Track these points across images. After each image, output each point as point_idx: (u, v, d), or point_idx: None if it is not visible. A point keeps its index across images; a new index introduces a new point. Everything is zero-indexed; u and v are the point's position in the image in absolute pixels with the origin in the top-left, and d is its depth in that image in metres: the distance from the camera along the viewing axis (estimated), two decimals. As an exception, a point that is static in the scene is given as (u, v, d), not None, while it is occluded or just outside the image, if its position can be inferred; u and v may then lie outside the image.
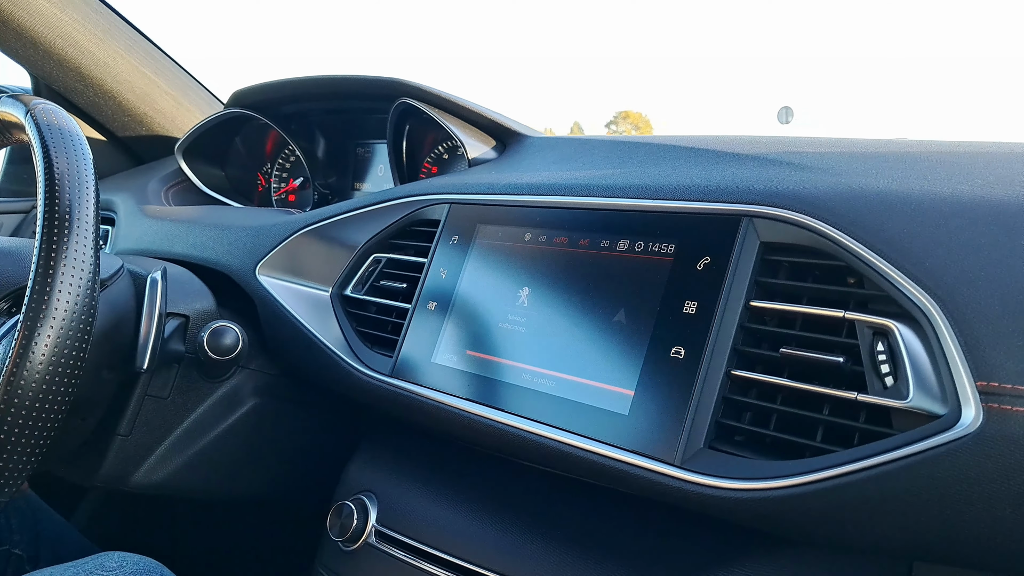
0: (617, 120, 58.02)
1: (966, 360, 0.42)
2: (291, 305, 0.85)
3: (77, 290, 0.57)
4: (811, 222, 0.50)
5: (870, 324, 0.47)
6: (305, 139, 1.23)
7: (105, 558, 0.65)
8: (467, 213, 0.74)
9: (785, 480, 0.46)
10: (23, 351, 0.54)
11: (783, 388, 0.50)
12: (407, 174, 1.11)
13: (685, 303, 0.53)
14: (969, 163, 0.53)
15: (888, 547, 0.47)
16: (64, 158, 0.60)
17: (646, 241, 0.58)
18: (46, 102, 0.65)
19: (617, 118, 58.19)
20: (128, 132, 1.32)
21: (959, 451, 0.41)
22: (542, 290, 0.63)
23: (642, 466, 0.52)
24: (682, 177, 0.60)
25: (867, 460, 0.43)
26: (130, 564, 0.64)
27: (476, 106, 0.98)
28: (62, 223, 0.57)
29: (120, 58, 1.22)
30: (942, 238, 0.45)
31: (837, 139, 0.65)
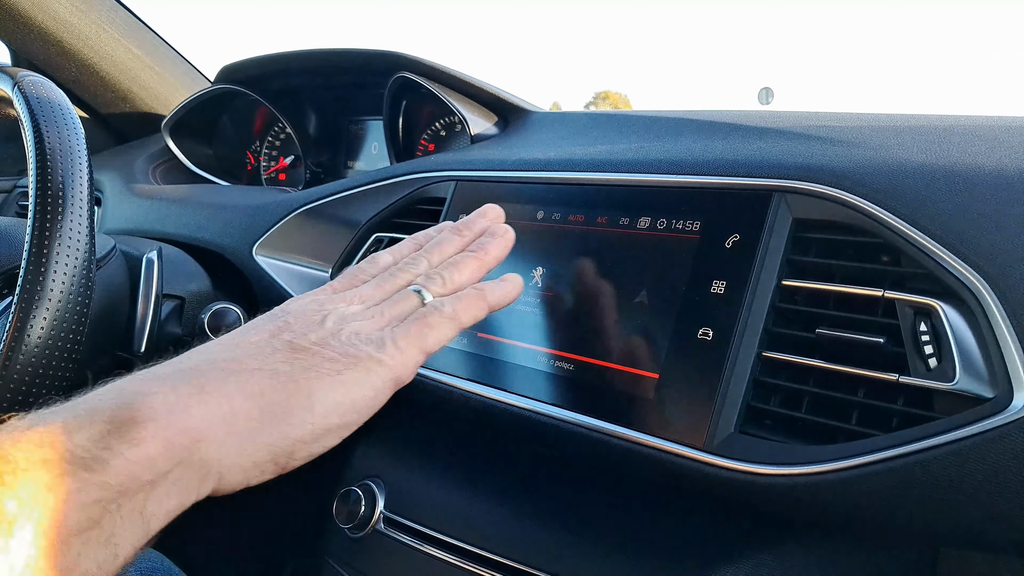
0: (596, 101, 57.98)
1: (1018, 341, 0.40)
2: (290, 286, 0.82)
3: (73, 270, 0.54)
4: (849, 198, 0.48)
5: (912, 304, 0.45)
6: (296, 116, 1.20)
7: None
8: (474, 191, 0.71)
9: (826, 465, 0.44)
10: (18, 335, 0.52)
11: (816, 370, 0.48)
12: (403, 152, 1.08)
13: (713, 283, 0.52)
14: (1008, 136, 0.51)
15: (925, 532, 0.46)
16: (55, 132, 0.57)
17: (670, 218, 0.56)
18: (34, 74, 0.62)
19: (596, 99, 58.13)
20: (112, 109, 1.27)
21: (1010, 435, 0.39)
22: (558, 270, 0.61)
23: (670, 451, 0.50)
24: (707, 151, 0.58)
25: (914, 444, 0.42)
26: (137, 559, 0.62)
27: (477, 80, 0.95)
28: (55, 200, 0.55)
29: (103, 32, 1.18)
30: (989, 213, 0.43)
31: (864, 113, 0.63)
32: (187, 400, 0.34)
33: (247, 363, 0.38)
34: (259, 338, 0.41)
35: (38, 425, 0.31)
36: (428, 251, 0.50)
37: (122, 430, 0.32)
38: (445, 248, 0.51)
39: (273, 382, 0.37)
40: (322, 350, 0.40)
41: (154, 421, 0.33)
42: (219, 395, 0.35)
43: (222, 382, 0.36)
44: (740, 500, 0.50)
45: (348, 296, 0.46)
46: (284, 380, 0.38)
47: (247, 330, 0.42)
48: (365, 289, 0.47)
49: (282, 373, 0.38)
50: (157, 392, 0.34)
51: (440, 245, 0.51)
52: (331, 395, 0.38)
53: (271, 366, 0.38)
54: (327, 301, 0.45)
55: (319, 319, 0.43)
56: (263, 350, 0.39)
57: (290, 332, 0.41)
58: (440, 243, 0.51)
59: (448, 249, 0.51)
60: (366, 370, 0.40)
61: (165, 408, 0.33)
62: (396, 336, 0.42)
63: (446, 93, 0.94)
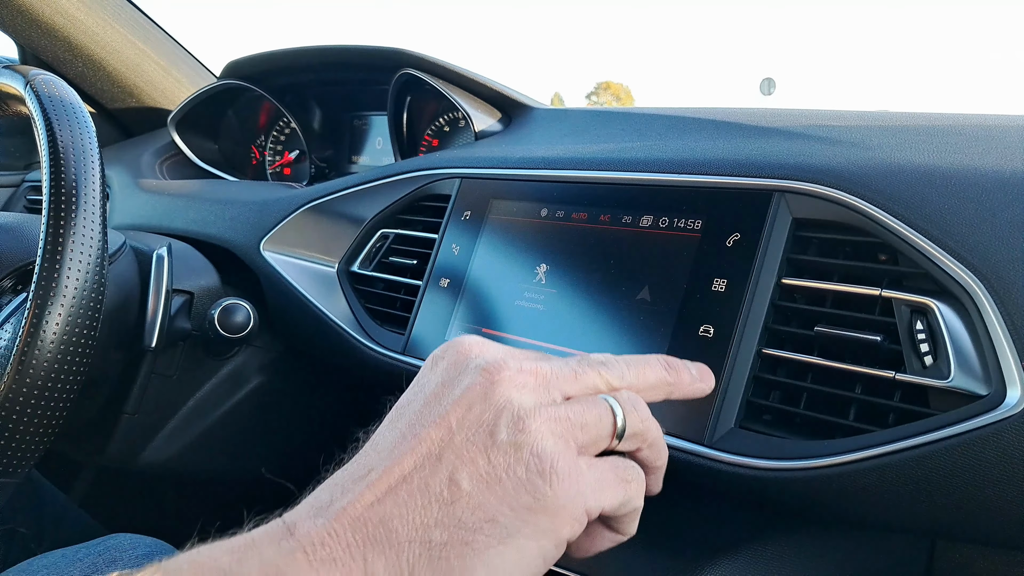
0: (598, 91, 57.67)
1: (1011, 339, 0.41)
2: (297, 281, 0.84)
3: (87, 266, 0.55)
4: (847, 198, 0.49)
5: (908, 302, 0.46)
6: (301, 111, 1.21)
7: (116, 540, 0.64)
8: (479, 188, 0.72)
9: (824, 460, 0.45)
10: (34, 330, 0.53)
11: (815, 367, 0.49)
12: (407, 147, 1.09)
13: (714, 281, 0.53)
14: (1005, 137, 0.52)
15: (921, 526, 0.47)
16: (68, 130, 0.58)
17: (671, 217, 0.57)
18: (45, 73, 0.63)
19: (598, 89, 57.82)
20: (118, 104, 1.28)
21: (1004, 432, 0.40)
22: (561, 267, 0.62)
23: (672, 446, 0.51)
24: (709, 151, 0.59)
25: (910, 440, 0.43)
26: (141, 547, 0.63)
27: (481, 77, 0.96)
28: (69, 198, 0.56)
29: (109, 27, 1.19)
30: (985, 214, 0.44)
31: (864, 112, 0.64)
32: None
33: (398, 528, 0.32)
34: (420, 454, 0.34)
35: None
36: (627, 361, 0.42)
37: None
38: (648, 372, 0.42)
39: (423, 559, 0.32)
40: (488, 494, 0.33)
41: None
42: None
43: (371, 562, 0.32)
44: (740, 494, 0.52)
45: (523, 368, 0.37)
46: (436, 557, 0.32)
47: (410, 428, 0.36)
48: (548, 369, 0.38)
49: (435, 544, 0.32)
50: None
51: (644, 365, 0.43)
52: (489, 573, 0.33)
53: (423, 534, 0.32)
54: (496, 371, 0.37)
55: (489, 421, 0.35)
56: (418, 498, 0.33)
57: (453, 452, 0.34)
58: (644, 363, 0.43)
59: (650, 375, 0.43)
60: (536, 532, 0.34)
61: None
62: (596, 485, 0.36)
63: (450, 90, 0.94)
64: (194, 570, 0.31)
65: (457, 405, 0.36)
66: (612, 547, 0.41)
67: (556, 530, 0.34)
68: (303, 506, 0.34)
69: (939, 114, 0.61)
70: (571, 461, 0.35)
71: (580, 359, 0.40)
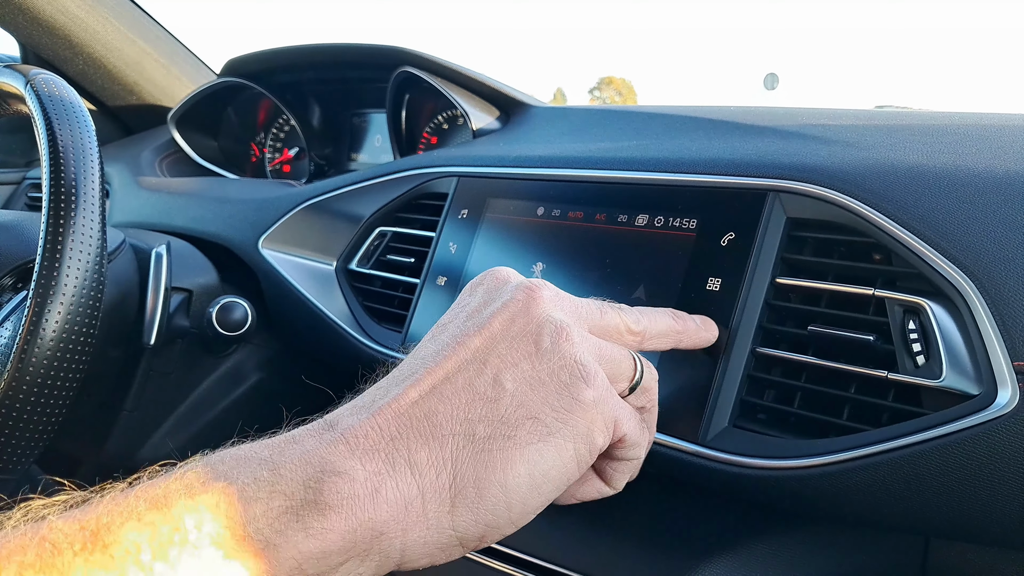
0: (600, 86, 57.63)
1: (1002, 339, 0.42)
2: (295, 279, 0.84)
3: (86, 264, 0.56)
4: (840, 198, 0.49)
5: (901, 302, 0.46)
6: (300, 109, 1.21)
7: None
8: (476, 186, 0.72)
9: (818, 459, 0.46)
10: (34, 327, 0.53)
11: (809, 366, 0.50)
12: (406, 145, 1.09)
13: (709, 280, 0.53)
14: (999, 136, 0.53)
15: (914, 525, 0.47)
16: (67, 130, 0.59)
17: (667, 216, 0.57)
18: (45, 72, 0.63)
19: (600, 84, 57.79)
20: (118, 101, 1.29)
21: (995, 431, 0.41)
22: (556, 266, 0.62)
23: (665, 444, 0.51)
24: (704, 150, 0.59)
25: (902, 439, 0.43)
26: None
27: (479, 75, 0.96)
28: (68, 196, 0.56)
29: (109, 25, 1.19)
30: (977, 215, 0.45)
31: (860, 110, 0.64)
32: (376, 483, 0.31)
33: (442, 422, 0.34)
34: (463, 358, 0.36)
35: (218, 481, 0.30)
36: (640, 309, 0.45)
37: (301, 514, 0.30)
38: (658, 319, 0.45)
39: (467, 451, 0.33)
40: (532, 394, 0.35)
41: (336, 511, 0.30)
42: (410, 473, 0.32)
43: (415, 451, 0.33)
44: (734, 492, 0.52)
45: (559, 293, 0.40)
46: (479, 450, 0.33)
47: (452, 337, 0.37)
48: (579, 301, 0.41)
49: (478, 438, 0.34)
50: (344, 472, 0.31)
51: (654, 313, 0.46)
52: (529, 470, 0.34)
53: (467, 428, 0.34)
54: (536, 289, 0.39)
55: (533, 331, 0.37)
56: (463, 395, 0.35)
57: (497, 356, 0.36)
58: (655, 312, 0.46)
59: (660, 322, 0.46)
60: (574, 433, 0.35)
61: (350, 497, 0.31)
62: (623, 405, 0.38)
63: (448, 88, 0.95)
64: (235, 461, 0.31)
65: (498, 316, 0.37)
66: (595, 498, 0.43)
67: (591, 434, 0.36)
68: (345, 407, 0.35)
69: (934, 113, 0.62)
70: (604, 379, 0.37)
71: (603, 301, 0.43)
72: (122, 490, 0.30)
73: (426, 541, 0.33)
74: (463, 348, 0.36)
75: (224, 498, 0.29)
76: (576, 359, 0.36)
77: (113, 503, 0.29)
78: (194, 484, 0.30)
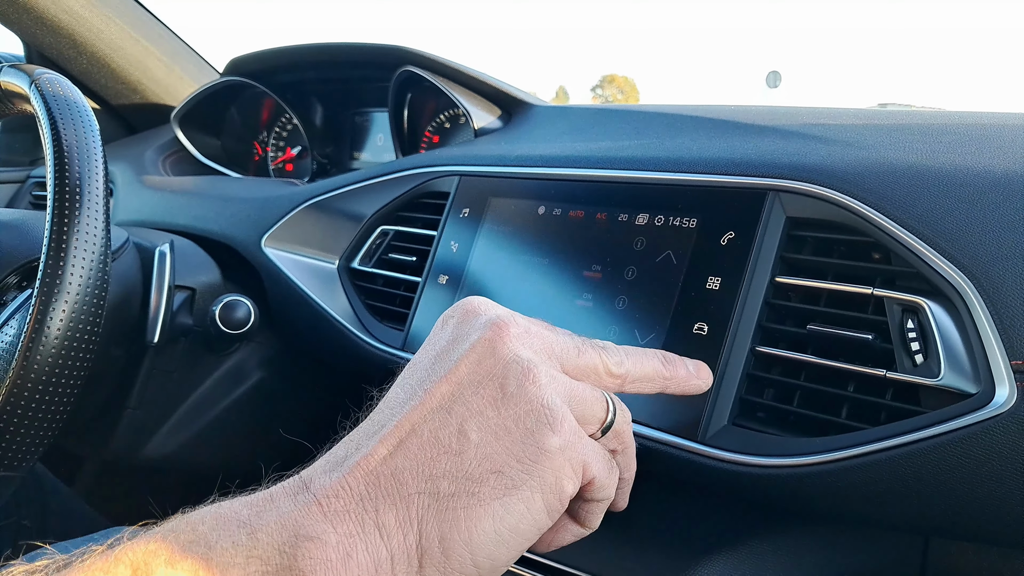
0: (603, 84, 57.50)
1: (1000, 338, 0.42)
2: (298, 277, 0.84)
3: (90, 263, 0.56)
4: (840, 198, 0.49)
5: (900, 301, 0.46)
6: (303, 108, 1.22)
7: (119, 532, 0.65)
8: (477, 185, 0.73)
9: (816, 457, 0.46)
10: (38, 325, 0.54)
11: (808, 365, 0.50)
12: (408, 144, 1.10)
13: (708, 279, 0.53)
14: (999, 136, 0.53)
15: (913, 523, 0.48)
16: (72, 129, 0.59)
17: (667, 215, 0.57)
18: (50, 72, 0.63)
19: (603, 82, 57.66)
20: (122, 100, 1.29)
21: (993, 429, 0.41)
22: (557, 265, 0.63)
23: (666, 442, 0.52)
24: (704, 150, 0.60)
25: (900, 438, 0.43)
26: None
27: (480, 74, 0.97)
28: (73, 196, 0.56)
29: (113, 24, 1.19)
30: (975, 214, 0.45)
31: (861, 110, 0.64)
32: (348, 547, 0.32)
33: (408, 481, 0.34)
34: (429, 407, 0.36)
35: (197, 546, 0.30)
36: (626, 350, 0.43)
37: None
38: (645, 362, 0.44)
39: (432, 510, 0.33)
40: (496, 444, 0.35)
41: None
42: (379, 535, 0.33)
43: (383, 513, 0.33)
44: (733, 490, 0.52)
45: (530, 329, 0.39)
46: (443, 508, 0.33)
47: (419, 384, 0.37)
48: (553, 337, 0.40)
49: (443, 496, 0.34)
50: (317, 538, 0.31)
51: (642, 355, 0.44)
52: (495, 525, 0.34)
53: (432, 486, 0.34)
54: (504, 326, 0.38)
55: (499, 374, 0.36)
56: (427, 450, 0.34)
57: (463, 404, 0.35)
58: (643, 354, 0.44)
59: (647, 365, 0.44)
60: (541, 484, 0.35)
61: (323, 563, 0.31)
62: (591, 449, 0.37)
63: (450, 87, 0.95)
64: (215, 520, 0.32)
65: (466, 359, 0.37)
66: (574, 541, 0.43)
67: (559, 483, 0.35)
68: (319, 462, 0.36)
69: (934, 112, 0.62)
70: (572, 423, 0.36)
71: (583, 339, 0.41)
72: (102, 553, 0.31)
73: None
74: (430, 396, 0.36)
75: (204, 566, 0.30)
76: (542, 403, 0.35)
77: (95, 570, 0.29)
78: (174, 550, 0.30)
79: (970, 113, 0.62)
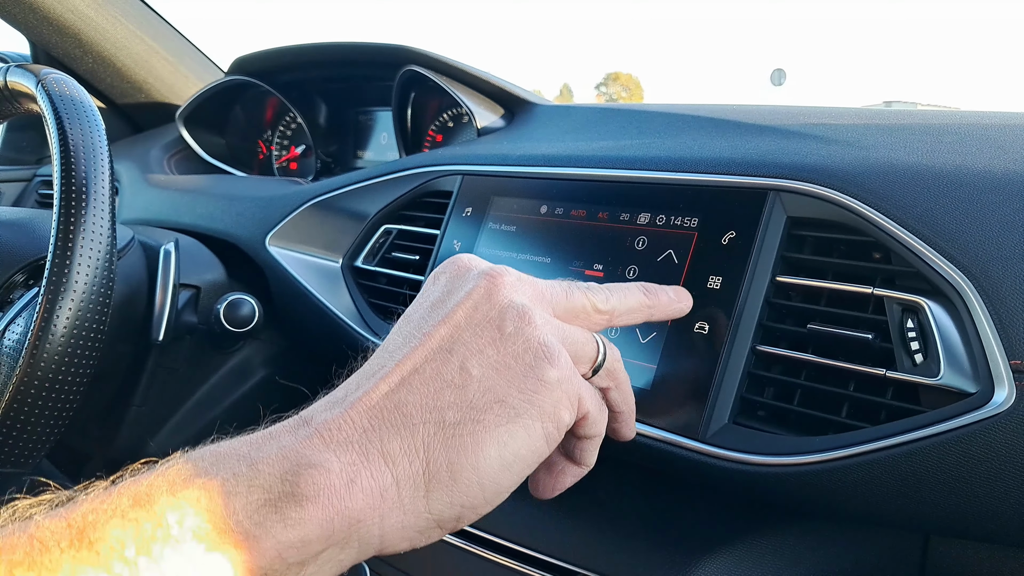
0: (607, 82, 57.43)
1: (999, 338, 0.42)
2: (302, 276, 0.85)
3: (96, 262, 0.56)
4: (840, 197, 0.49)
5: (900, 301, 0.47)
6: (307, 107, 1.22)
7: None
8: (480, 184, 0.73)
9: (816, 455, 0.46)
10: (45, 323, 0.54)
11: (808, 364, 0.50)
12: (411, 143, 1.10)
13: (709, 278, 0.53)
14: (1000, 136, 0.53)
15: (912, 522, 0.48)
16: (78, 129, 0.59)
17: (668, 215, 0.58)
18: (56, 72, 0.64)
19: (607, 80, 57.59)
20: (127, 99, 1.30)
21: (992, 429, 0.41)
22: (559, 264, 0.63)
23: (667, 440, 0.52)
24: (706, 149, 0.60)
25: (899, 437, 0.43)
26: None
27: (484, 73, 0.97)
28: (79, 195, 0.57)
29: (118, 23, 1.20)
30: (975, 214, 0.45)
31: (862, 109, 0.65)
32: (351, 474, 0.32)
33: (412, 412, 0.35)
34: (430, 348, 0.37)
35: (198, 477, 0.31)
36: (609, 287, 0.45)
37: (279, 505, 0.31)
38: (628, 295, 0.45)
39: (438, 437, 0.34)
40: (498, 378, 0.36)
41: (314, 502, 0.31)
42: (383, 462, 0.33)
43: (387, 442, 0.34)
44: (734, 489, 0.52)
45: (521, 277, 0.41)
46: (450, 435, 0.34)
47: (417, 328, 0.38)
48: (543, 284, 0.42)
49: (448, 424, 0.35)
50: (319, 465, 0.32)
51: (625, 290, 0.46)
52: (500, 451, 0.35)
53: (437, 416, 0.35)
54: (498, 276, 0.39)
55: (496, 317, 0.38)
56: (431, 384, 0.36)
57: (463, 344, 0.37)
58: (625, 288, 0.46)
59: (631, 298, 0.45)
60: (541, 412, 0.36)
61: (327, 487, 0.32)
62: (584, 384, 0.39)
63: (453, 86, 0.95)
64: (215, 458, 0.32)
65: (462, 305, 0.38)
66: (575, 482, 0.44)
67: (557, 412, 0.37)
68: (319, 403, 0.37)
69: (935, 112, 0.62)
70: (567, 358, 0.38)
71: (571, 282, 0.43)
72: (105, 488, 0.31)
73: (404, 526, 0.34)
74: (429, 339, 0.37)
75: (204, 493, 0.30)
76: (539, 341, 0.37)
77: (98, 501, 0.30)
78: (175, 481, 0.31)
79: (972, 113, 0.62)
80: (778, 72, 22.63)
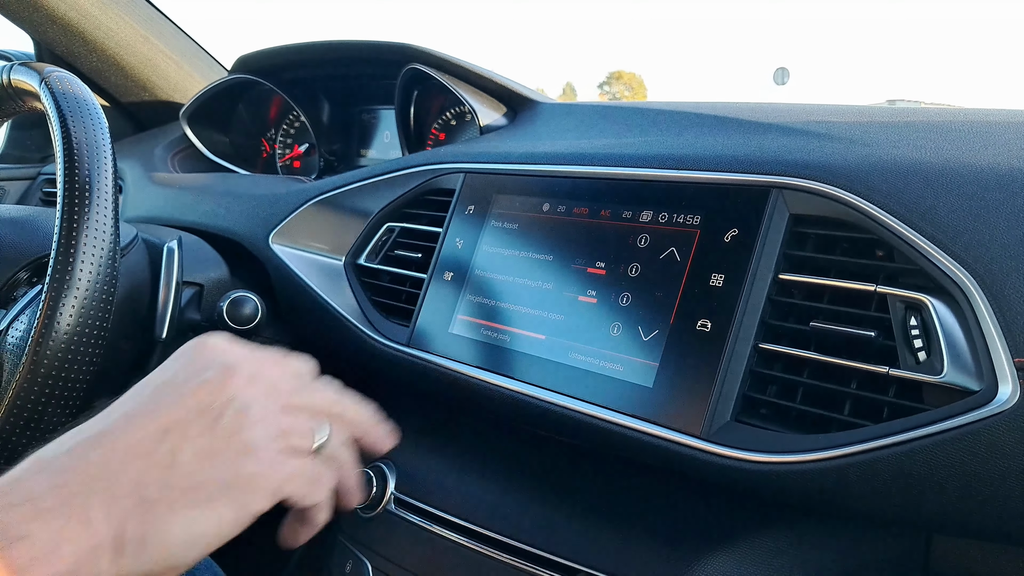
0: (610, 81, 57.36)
1: (1003, 336, 0.42)
2: (305, 274, 0.85)
3: (99, 259, 0.57)
4: (843, 195, 0.49)
5: (903, 298, 0.47)
6: (310, 105, 1.22)
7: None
8: (483, 182, 0.73)
9: (819, 453, 0.46)
10: (48, 321, 0.54)
11: (811, 362, 0.50)
12: (415, 141, 1.10)
13: (712, 276, 0.53)
14: (1004, 133, 0.53)
15: (915, 520, 0.48)
16: (81, 127, 0.60)
17: (671, 212, 0.58)
18: (60, 70, 0.64)
19: (610, 79, 57.52)
20: (131, 98, 1.30)
21: (995, 427, 0.41)
22: (562, 261, 0.63)
23: (668, 438, 0.52)
24: (708, 147, 0.60)
25: (902, 435, 0.43)
26: None
27: (486, 72, 0.97)
28: (83, 193, 0.57)
29: (122, 22, 1.20)
30: (979, 211, 0.45)
31: (865, 106, 0.65)
32: (56, 541, 0.35)
33: (119, 484, 0.38)
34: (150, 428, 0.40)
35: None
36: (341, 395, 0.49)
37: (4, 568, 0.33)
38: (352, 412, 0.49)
39: (137, 511, 0.37)
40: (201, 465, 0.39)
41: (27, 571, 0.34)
42: (83, 528, 0.36)
43: (91, 509, 0.37)
44: (736, 486, 0.52)
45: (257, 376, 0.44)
46: (147, 509, 0.38)
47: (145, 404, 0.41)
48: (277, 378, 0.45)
49: (147, 500, 0.38)
50: (27, 538, 0.35)
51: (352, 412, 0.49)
52: (187, 530, 0.39)
53: (140, 491, 0.38)
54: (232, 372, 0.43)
55: (217, 410, 0.41)
56: (141, 461, 0.39)
57: (180, 429, 0.40)
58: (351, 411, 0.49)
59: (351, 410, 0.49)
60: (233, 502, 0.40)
61: (34, 559, 0.34)
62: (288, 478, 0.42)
63: (456, 84, 0.95)
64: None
65: (193, 393, 0.42)
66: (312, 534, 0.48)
67: (249, 504, 0.40)
68: (32, 460, 0.39)
69: (938, 109, 0.62)
70: (273, 454, 0.42)
71: (305, 380, 0.47)
72: None
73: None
74: (152, 418, 0.40)
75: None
76: (247, 437, 0.41)
77: None
78: None
79: (975, 110, 0.62)
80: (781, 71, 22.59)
